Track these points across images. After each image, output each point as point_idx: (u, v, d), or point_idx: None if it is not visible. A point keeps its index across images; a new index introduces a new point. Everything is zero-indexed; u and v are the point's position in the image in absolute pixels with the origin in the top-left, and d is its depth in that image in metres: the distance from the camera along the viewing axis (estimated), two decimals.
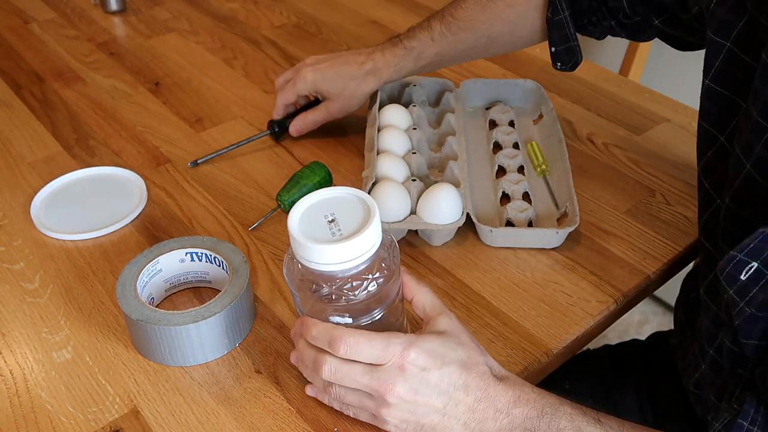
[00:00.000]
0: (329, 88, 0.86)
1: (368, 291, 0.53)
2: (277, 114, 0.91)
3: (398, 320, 0.60)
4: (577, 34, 0.82)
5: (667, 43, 0.79)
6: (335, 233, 0.52)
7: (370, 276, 0.53)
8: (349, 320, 0.55)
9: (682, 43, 0.77)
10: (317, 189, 0.58)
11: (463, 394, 0.52)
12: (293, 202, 0.78)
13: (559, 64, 0.85)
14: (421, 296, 0.58)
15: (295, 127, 0.89)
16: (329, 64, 0.87)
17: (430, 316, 0.57)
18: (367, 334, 0.52)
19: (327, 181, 0.82)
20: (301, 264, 0.53)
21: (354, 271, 0.53)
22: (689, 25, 0.71)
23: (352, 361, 0.53)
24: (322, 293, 0.54)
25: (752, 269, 0.51)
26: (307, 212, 0.54)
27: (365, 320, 0.56)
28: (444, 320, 0.56)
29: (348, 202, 0.55)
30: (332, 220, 0.53)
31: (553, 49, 0.83)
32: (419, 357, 0.52)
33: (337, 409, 0.58)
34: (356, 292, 0.53)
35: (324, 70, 0.86)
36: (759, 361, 0.56)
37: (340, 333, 0.52)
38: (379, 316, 0.56)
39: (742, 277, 0.52)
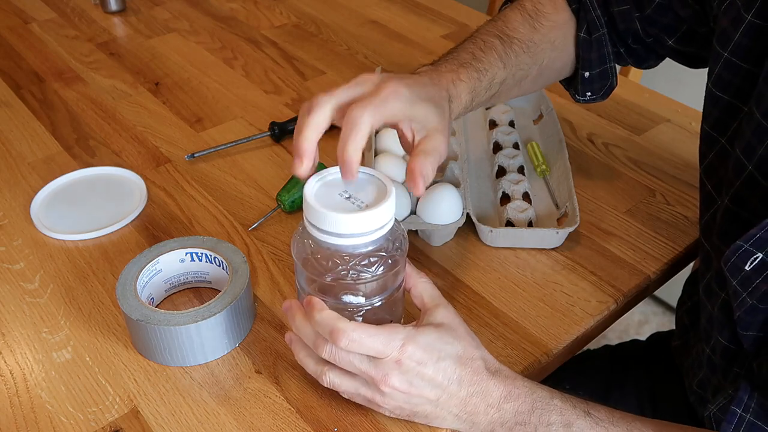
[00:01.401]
0: (425, 113, 0.57)
1: (381, 269, 0.54)
2: (305, 170, 0.55)
3: (398, 310, 0.61)
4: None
5: (680, 62, 0.75)
6: (354, 207, 0.53)
7: (384, 253, 0.54)
8: (362, 299, 0.55)
9: (695, 59, 0.74)
10: None
11: (456, 388, 0.53)
12: (293, 202, 0.78)
13: (589, 93, 0.77)
14: (420, 286, 0.58)
15: (421, 189, 0.55)
16: (411, 81, 0.58)
17: (428, 307, 0.57)
18: (368, 329, 0.52)
19: None
20: (318, 239, 0.53)
21: (371, 247, 0.53)
22: (705, 39, 0.69)
23: None
24: (336, 271, 0.54)
25: (757, 260, 0.52)
26: (321, 189, 0.54)
27: (376, 300, 0.56)
28: (441, 312, 0.56)
29: (360, 182, 0.55)
30: (348, 197, 0.54)
31: (586, 74, 0.76)
32: (416, 351, 0.52)
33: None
34: (371, 269, 0.54)
35: (413, 86, 0.57)
36: (756, 353, 0.57)
37: (344, 326, 0.51)
38: (383, 301, 0.57)
39: (747, 268, 0.53)
